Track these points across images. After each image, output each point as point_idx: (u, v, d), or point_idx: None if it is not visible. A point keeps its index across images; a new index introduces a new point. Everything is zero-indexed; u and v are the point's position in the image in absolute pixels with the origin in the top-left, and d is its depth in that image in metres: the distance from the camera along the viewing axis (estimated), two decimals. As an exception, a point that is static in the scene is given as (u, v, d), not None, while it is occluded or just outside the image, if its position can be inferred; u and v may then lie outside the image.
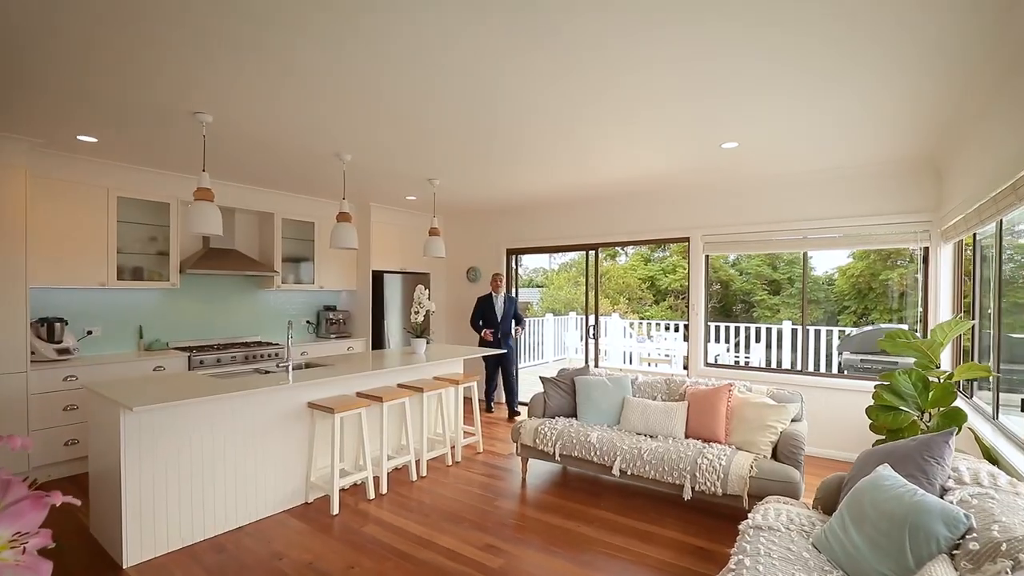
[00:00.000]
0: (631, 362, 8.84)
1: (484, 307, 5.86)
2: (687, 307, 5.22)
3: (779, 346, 8.19)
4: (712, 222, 5.02)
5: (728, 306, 13.58)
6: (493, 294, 5.85)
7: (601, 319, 10.38)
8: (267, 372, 3.69)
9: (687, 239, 5.17)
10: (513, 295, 5.92)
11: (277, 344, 5.27)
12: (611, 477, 3.41)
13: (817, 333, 8.04)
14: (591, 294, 6.01)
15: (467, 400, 5.74)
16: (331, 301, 6.35)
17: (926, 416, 2.63)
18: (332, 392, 3.64)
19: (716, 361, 7.96)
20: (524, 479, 3.91)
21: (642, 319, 12.11)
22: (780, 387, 3.70)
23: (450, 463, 4.22)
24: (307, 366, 4.05)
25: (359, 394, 3.75)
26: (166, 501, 2.77)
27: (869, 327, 6.04)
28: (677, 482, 3.16)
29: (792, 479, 2.90)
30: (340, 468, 3.62)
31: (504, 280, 5.92)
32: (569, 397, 4.09)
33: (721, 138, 3.58)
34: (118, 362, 4.12)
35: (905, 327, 7.68)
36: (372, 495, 3.52)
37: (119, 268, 4.35)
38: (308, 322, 6.12)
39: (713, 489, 3.04)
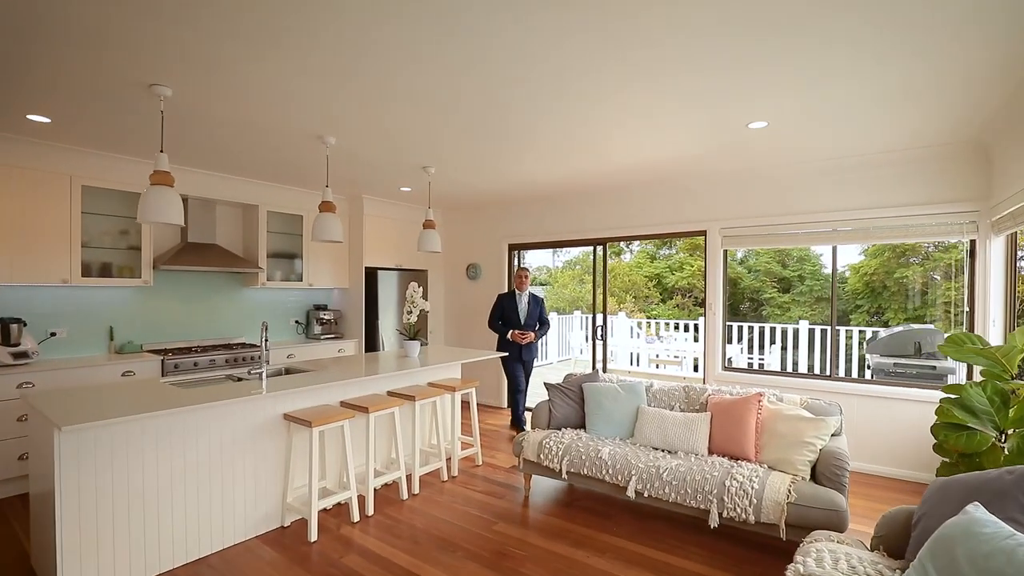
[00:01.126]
0: (638, 364, 8.44)
1: (505, 306, 5.06)
2: (703, 306, 4.83)
3: (795, 347, 7.78)
4: (731, 214, 4.62)
5: (736, 304, 13.20)
6: (517, 292, 5.05)
7: (612, 319, 10.00)
8: (240, 380, 3.31)
9: (704, 233, 4.77)
10: (539, 295, 5.06)
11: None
12: (625, 497, 3.02)
13: (837, 334, 7.64)
14: (599, 292, 5.62)
15: (464, 405, 5.36)
16: (322, 300, 5.98)
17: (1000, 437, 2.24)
18: (313, 402, 3.26)
19: (730, 364, 7.55)
20: (527, 498, 3.52)
21: (649, 318, 11.73)
22: (814, 396, 3.30)
23: (445, 478, 3.83)
24: (287, 372, 3.68)
25: (343, 404, 3.37)
26: (112, 531, 2.39)
27: (899, 327, 5.63)
28: (702, 506, 2.76)
29: (838, 506, 2.50)
30: (321, 486, 3.26)
31: (528, 277, 5.08)
32: (577, 406, 3.70)
33: (748, 117, 3.18)
34: (83, 367, 3.75)
35: (931, 326, 7.22)
36: (356, 517, 3.14)
37: (85, 264, 3.98)
38: (297, 322, 5.74)
39: (744, 516, 2.64)
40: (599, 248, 5.56)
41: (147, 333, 4.55)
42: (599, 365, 5.61)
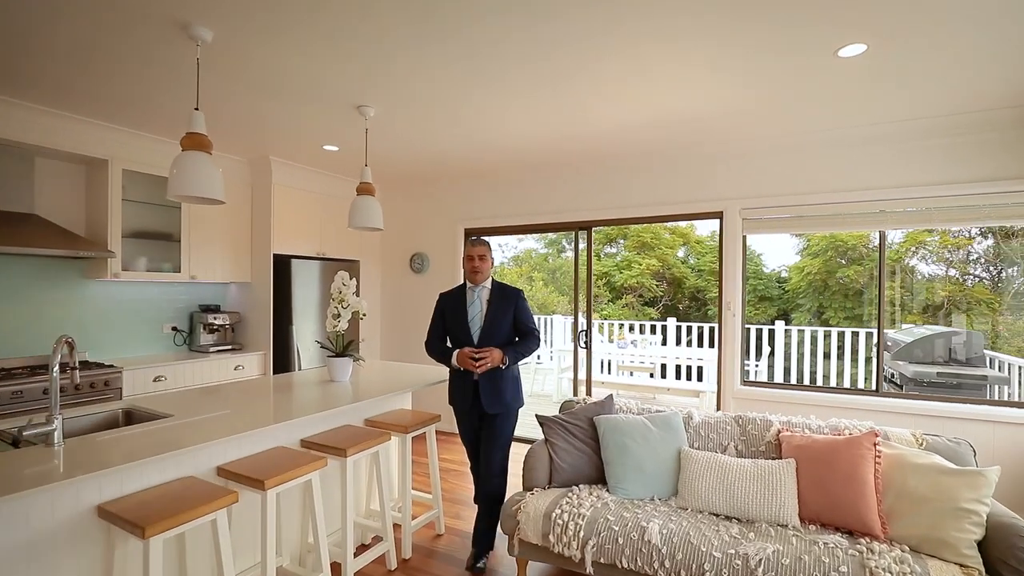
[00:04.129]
0: (603, 371, 7.51)
1: (448, 310, 2.71)
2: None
3: (771, 352, 7.17)
4: (754, 192, 3.71)
5: (676, 303, 12.86)
6: (468, 288, 2.70)
7: (561, 320, 9.02)
8: (17, 442, 1.83)
9: (719, 214, 3.83)
10: (515, 287, 2.71)
11: (111, 367, 3.32)
12: (688, 605, 1.93)
13: (813, 335, 7.09)
14: (581, 288, 4.55)
15: (416, 441, 4.06)
16: (212, 298, 4.42)
17: None
18: (167, 474, 1.87)
19: (698, 372, 6.76)
20: (522, 595, 2.34)
21: (604, 319, 11.01)
22: (929, 431, 2.40)
23: (394, 566, 2.55)
24: (128, 418, 2.23)
25: (222, 471, 2.00)
26: None
27: (921, 329, 5.07)
28: (825, 624, 1.73)
29: (1064, 628, 1.55)
30: (177, 625, 1.87)
31: (488, 258, 2.65)
32: (588, 450, 2.56)
33: (839, 39, 2.22)
34: None
35: (960, 329, 6.06)
36: (243, 675, 1.80)
37: None
38: (175, 329, 4.16)
39: (901, 642, 1.63)
40: (583, 233, 4.49)
41: (-99, 351, 2.86)
42: (583, 378, 4.53)
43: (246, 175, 4.30)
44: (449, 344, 2.72)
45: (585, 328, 4.45)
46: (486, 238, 2.69)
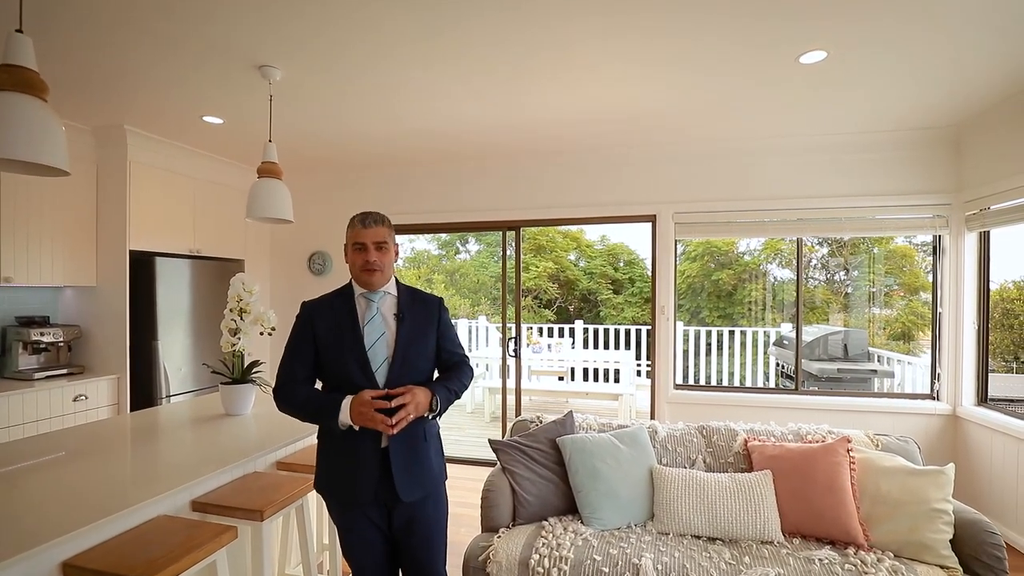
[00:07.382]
0: (521, 377, 7.30)
1: (324, 331, 1.59)
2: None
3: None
4: (686, 197, 3.73)
5: (568, 305, 13.27)
6: (359, 293, 1.63)
7: (467, 323, 8.67)
8: None
9: (652, 218, 3.79)
10: (433, 294, 1.75)
11: None
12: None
13: (707, 334, 7.56)
14: (509, 293, 4.28)
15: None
16: (37, 308, 3.36)
17: None
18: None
19: (614, 374, 6.87)
20: (490, 659, 1.96)
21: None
22: (842, 425, 2.48)
23: (321, 647, 2.02)
24: None
25: (74, 570, 1.36)
26: None
27: (813, 328, 5.55)
28: (835, 652, 1.62)
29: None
30: None
31: (389, 248, 1.62)
32: (554, 477, 2.26)
33: (800, 46, 2.22)
34: None
35: (845, 328, 6.63)
36: None
37: None
38: (-23, 351, 3.07)
39: (908, 660, 1.57)
40: (511, 233, 4.22)
41: None
42: (513, 387, 4.25)
43: (89, 148, 3.33)
44: (324, 382, 1.64)
45: (514, 335, 4.17)
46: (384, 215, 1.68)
